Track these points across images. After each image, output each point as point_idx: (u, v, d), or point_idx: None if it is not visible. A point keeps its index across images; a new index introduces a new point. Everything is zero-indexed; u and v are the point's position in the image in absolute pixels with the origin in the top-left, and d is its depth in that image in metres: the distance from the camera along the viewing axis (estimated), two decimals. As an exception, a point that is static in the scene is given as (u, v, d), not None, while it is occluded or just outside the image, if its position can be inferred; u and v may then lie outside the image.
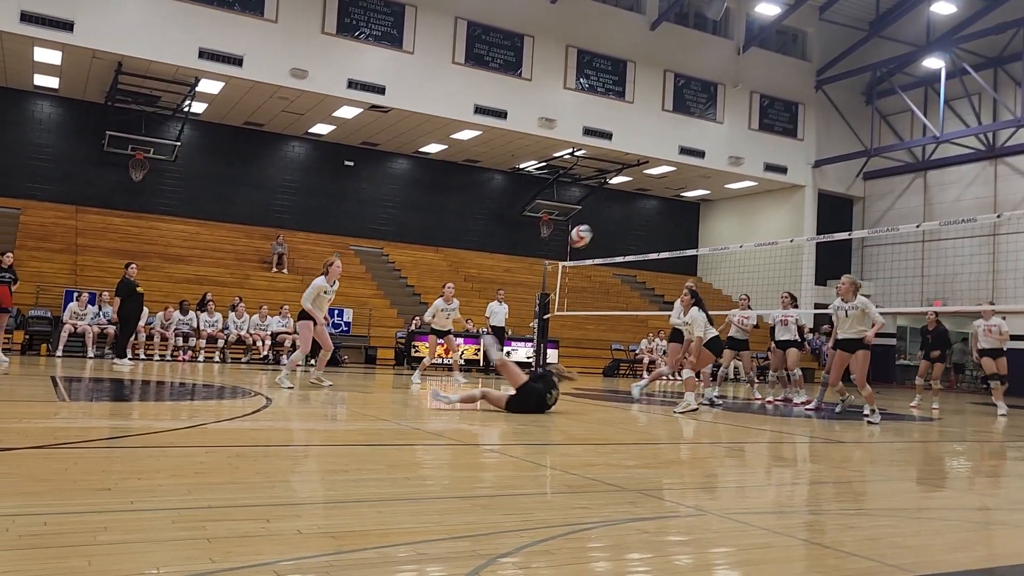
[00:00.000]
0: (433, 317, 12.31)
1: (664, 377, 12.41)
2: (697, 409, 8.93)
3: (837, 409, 10.25)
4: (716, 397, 11.29)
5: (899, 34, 25.28)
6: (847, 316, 8.97)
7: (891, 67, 25.30)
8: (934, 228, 16.21)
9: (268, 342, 16.89)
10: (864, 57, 25.73)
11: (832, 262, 26.72)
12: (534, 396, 7.86)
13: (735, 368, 16.07)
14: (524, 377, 8.02)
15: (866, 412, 8.86)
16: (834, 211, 27.29)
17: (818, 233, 25.53)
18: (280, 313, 17.31)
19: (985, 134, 23.77)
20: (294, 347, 17.58)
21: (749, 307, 12.56)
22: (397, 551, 2.65)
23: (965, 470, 6.03)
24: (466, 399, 8.08)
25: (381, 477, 4.12)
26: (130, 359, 13.84)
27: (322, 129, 23.30)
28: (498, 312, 17.28)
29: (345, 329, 18.89)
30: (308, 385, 10.48)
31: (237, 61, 18.79)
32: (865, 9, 25.68)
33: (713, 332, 9.46)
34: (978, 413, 12.96)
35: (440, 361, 16.32)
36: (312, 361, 11.29)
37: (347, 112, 21.55)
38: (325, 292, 10.05)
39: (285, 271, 21.51)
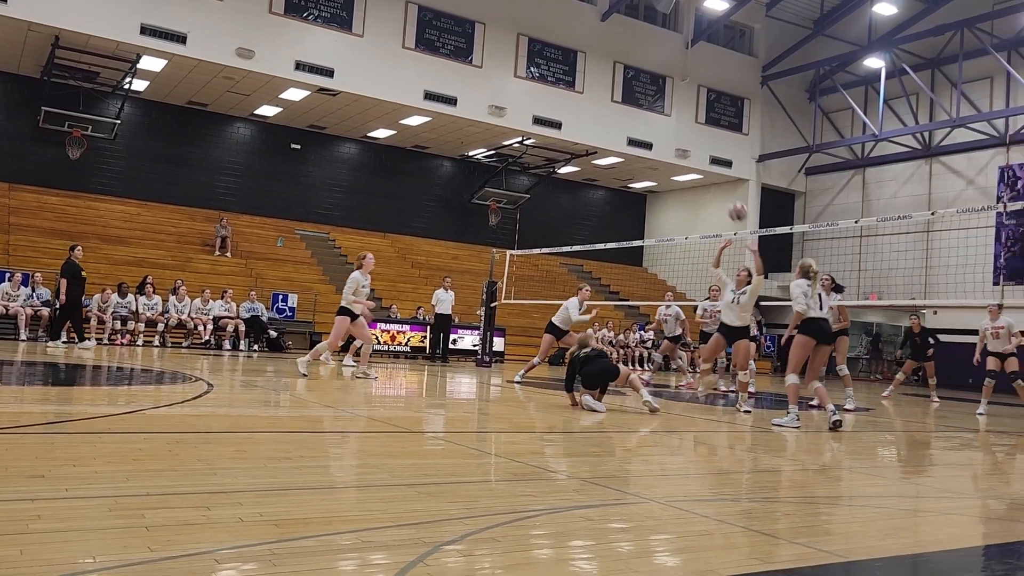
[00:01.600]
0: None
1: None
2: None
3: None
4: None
5: (842, 33, 25.87)
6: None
7: (834, 65, 25.89)
8: (871, 224, 16.71)
9: (210, 327, 16.55)
10: (808, 55, 26.27)
11: (774, 255, 27.31)
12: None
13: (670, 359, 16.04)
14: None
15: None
16: (777, 205, 27.88)
17: (761, 227, 26.05)
18: (223, 297, 16.96)
19: (922, 133, 24.53)
20: (261, 333, 17.35)
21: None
22: (340, 539, 2.63)
23: (899, 459, 6.25)
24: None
25: (325, 464, 4.09)
26: (82, 342, 13.37)
27: (268, 111, 22.85)
28: (444, 300, 17.25)
29: (289, 314, 18.63)
30: (351, 377, 10.34)
31: (181, 39, 18.28)
32: (810, 7, 26.20)
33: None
34: (918, 404, 13.42)
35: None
36: (337, 355, 11.08)
37: (294, 94, 21.17)
38: (363, 286, 10.34)
39: (228, 254, 21.09)
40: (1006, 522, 3.84)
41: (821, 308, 7.86)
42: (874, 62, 24.31)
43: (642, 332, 22.43)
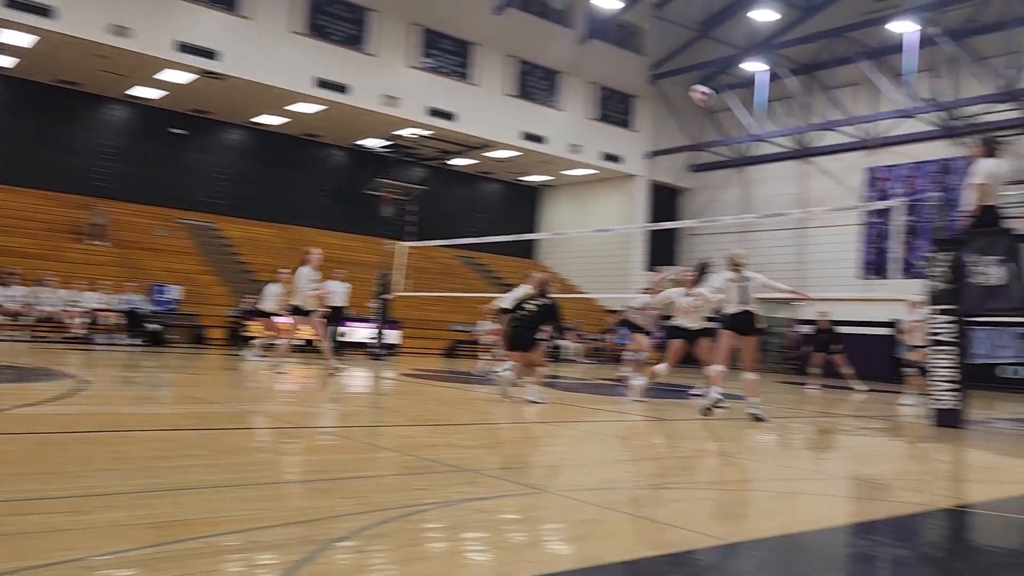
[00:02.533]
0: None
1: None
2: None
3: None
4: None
5: (726, 37, 26.91)
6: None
7: (718, 67, 26.92)
8: (751, 220, 17.47)
9: (83, 320, 15.63)
10: (695, 56, 27.19)
11: (661, 249, 28.23)
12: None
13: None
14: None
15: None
16: (665, 201, 28.76)
17: (649, 221, 26.89)
18: (98, 289, 16.05)
19: (797, 135, 25.85)
20: (140, 326, 16.43)
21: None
22: (225, 539, 2.54)
23: (781, 444, 6.57)
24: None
25: (209, 463, 3.94)
26: None
27: (147, 93, 21.72)
28: (337, 292, 16.91)
29: (171, 307, 17.83)
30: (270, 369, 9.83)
31: (49, 12, 17.11)
32: (697, 10, 27.11)
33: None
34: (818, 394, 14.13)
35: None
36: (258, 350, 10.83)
37: (176, 76, 20.19)
38: (312, 281, 10.56)
39: (104, 243, 19.94)
40: (869, 501, 4.11)
41: (743, 300, 7.83)
42: (755, 66, 25.39)
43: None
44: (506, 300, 11.58)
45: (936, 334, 7.88)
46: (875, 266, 23.39)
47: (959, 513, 3.79)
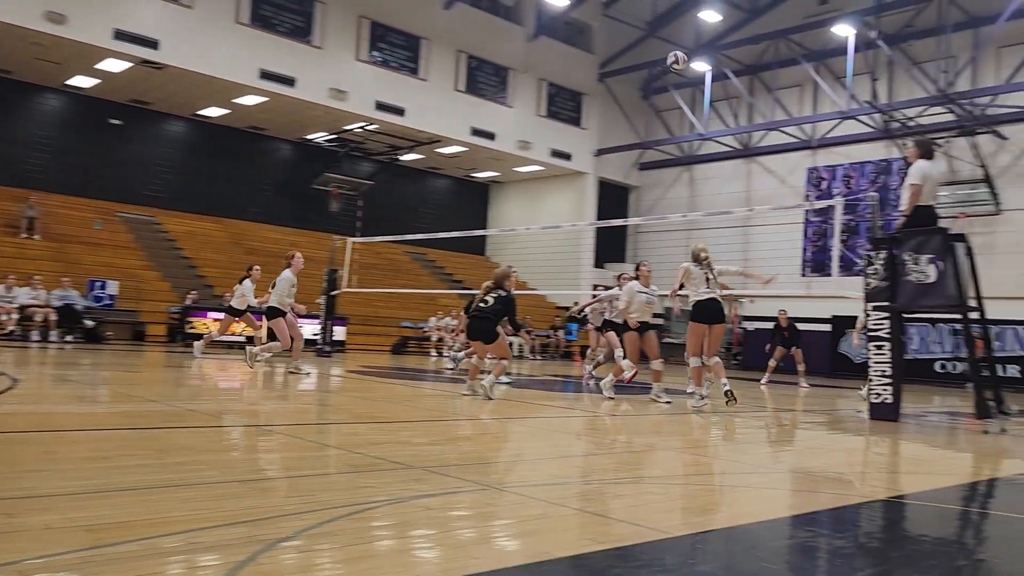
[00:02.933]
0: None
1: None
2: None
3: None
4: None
5: (673, 36, 27.22)
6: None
7: (664, 67, 27.21)
8: (697, 218, 17.74)
9: (14, 316, 15.09)
10: (642, 55, 27.47)
11: (610, 246, 28.48)
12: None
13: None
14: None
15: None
16: (613, 198, 29.02)
17: (598, 219, 27.08)
18: (30, 284, 15.51)
19: (741, 135, 26.32)
20: (75, 323, 15.85)
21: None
22: (165, 541, 2.48)
23: (727, 438, 6.69)
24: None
25: (149, 463, 3.83)
26: None
27: (84, 82, 21.06)
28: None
29: (109, 303, 17.33)
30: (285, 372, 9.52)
31: (-22, -4, 16.47)
32: (644, 9, 27.38)
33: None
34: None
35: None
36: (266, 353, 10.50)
37: (114, 65, 19.62)
38: (293, 286, 10.48)
39: (37, 237, 19.28)
40: (809, 494, 4.21)
41: (708, 289, 8.30)
42: (700, 66, 25.77)
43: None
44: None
45: (873, 330, 8.11)
46: (817, 264, 23.97)
47: (895, 504, 3.91)
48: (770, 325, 15.81)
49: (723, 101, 26.55)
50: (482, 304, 8.20)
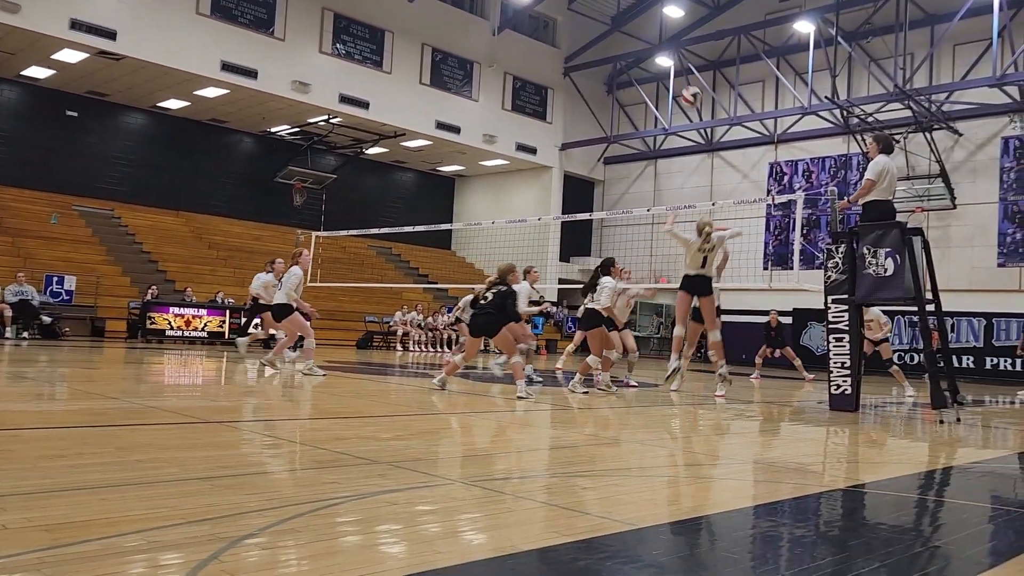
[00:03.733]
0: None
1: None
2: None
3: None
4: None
5: (637, 31, 27.39)
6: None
7: (629, 61, 27.37)
8: (661, 212, 17.84)
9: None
10: (607, 49, 27.58)
11: (575, 240, 28.59)
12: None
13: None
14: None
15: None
16: (578, 192, 29.12)
17: (564, 213, 27.14)
18: (-16, 280, 15.13)
19: (705, 129, 26.56)
20: (32, 319, 15.43)
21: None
22: (125, 540, 2.44)
23: (689, 430, 6.76)
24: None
25: (107, 461, 3.77)
26: None
27: (39, 73, 20.55)
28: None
29: (66, 298, 16.97)
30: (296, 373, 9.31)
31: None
32: (609, 4, 27.49)
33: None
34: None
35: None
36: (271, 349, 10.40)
37: (70, 56, 19.17)
38: (301, 282, 10.46)
39: (-10, 232, 18.82)
40: (771, 484, 4.28)
41: (704, 267, 8.85)
42: (664, 61, 25.95)
43: (450, 314, 22.65)
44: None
45: (833, 323, 8.25)
46: (778, 257, 24.30)
47: (854, 493, 3.99)
48: (736, 319, 16.08)
49: (687, 96, 26.73)
50: (483, 300, 8.32)
